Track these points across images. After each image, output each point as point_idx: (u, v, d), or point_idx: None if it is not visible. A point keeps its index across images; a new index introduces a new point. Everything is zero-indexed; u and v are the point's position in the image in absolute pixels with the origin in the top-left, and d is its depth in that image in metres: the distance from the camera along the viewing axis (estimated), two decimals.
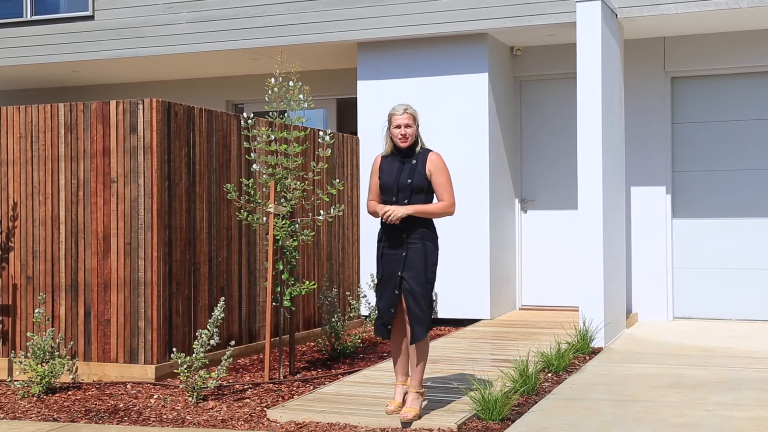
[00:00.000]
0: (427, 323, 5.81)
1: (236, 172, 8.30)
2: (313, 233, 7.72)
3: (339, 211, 7.49)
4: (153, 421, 6.04)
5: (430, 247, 5.84)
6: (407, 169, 5.84)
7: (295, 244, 7.42)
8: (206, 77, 12.86)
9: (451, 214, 5.87)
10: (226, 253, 8.15)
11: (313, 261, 9.45)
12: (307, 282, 7.57)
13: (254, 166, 7.56)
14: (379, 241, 5.94)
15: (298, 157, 7.58)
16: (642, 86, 10.42)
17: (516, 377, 6.46)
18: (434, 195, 5.90)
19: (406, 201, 5.81)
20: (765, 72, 10.18)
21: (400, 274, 5.79)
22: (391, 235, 5.85)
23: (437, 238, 5.93)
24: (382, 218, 5.80)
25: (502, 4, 9.78)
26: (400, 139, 5.84)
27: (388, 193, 5.87)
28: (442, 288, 9.84)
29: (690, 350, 8.34)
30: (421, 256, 5.80)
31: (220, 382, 6.85)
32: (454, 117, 10.25)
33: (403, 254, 5.80)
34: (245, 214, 7.48)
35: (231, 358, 6.82)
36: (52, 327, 7.52)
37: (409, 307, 5.77)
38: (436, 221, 5.96)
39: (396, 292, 5.81)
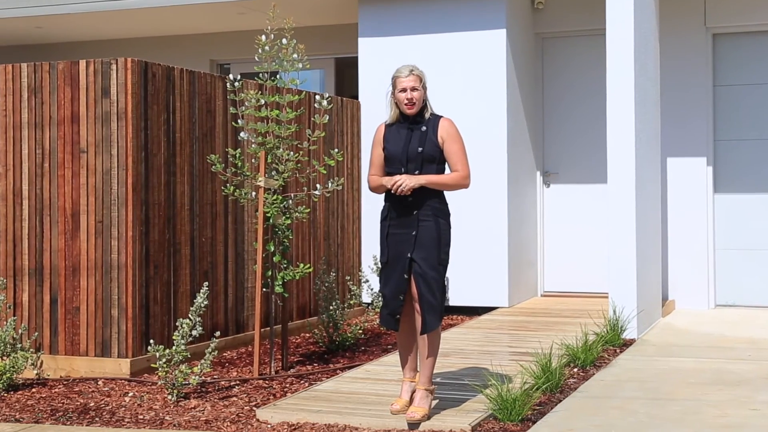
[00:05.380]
0: (440, 311, 5.81)
1: (222, 141, 8.27)
2: (308, 210, 7.70)
3: (338, 185, 7.46)
4: (128, 422, 6.05)
5: (443, 225, 5.82)
6: (417, 137, 5.80)
7: (288, 222, 7.41)
8: (188, 34, 12.83)
9: (466, 186, 5.87)
10: (210, 232, 8.13)
11: (308, 241, 9.43)
12: (301, 265, 7.56)
13: (242, 134, 7.54)
14: (384, 219, 5.90)
15: (291, 124, 7.56)
16: (680, 44, 10.35)
17: (538, 373, 6.48)
18: (446, 166, 5.86)
19: (417, 172, 5.78)
20: None
21: (410, 255, 5.76)
22: (399, 211, 5.81)
23: (450, 214, 5.90)
24: (390, 190, 5.76)
25: None
26: (406, 104, 5.81)
27: (395, 164, 5.82)
28: (454, 272, 9.79)
29: (734, 342, 8.36)
30: (434, 235, 5.77)
31: (203, 378, 6.86)
32: (467, 79, 10.20)
33: (413, 233, 5.77)
34: (232, 188, 7.45)
35: (216, 351, 6.82)
36: (14, 316, 7.53)
37: (421, 293, 5.74)
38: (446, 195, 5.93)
39: (405, 276, 5.78)
